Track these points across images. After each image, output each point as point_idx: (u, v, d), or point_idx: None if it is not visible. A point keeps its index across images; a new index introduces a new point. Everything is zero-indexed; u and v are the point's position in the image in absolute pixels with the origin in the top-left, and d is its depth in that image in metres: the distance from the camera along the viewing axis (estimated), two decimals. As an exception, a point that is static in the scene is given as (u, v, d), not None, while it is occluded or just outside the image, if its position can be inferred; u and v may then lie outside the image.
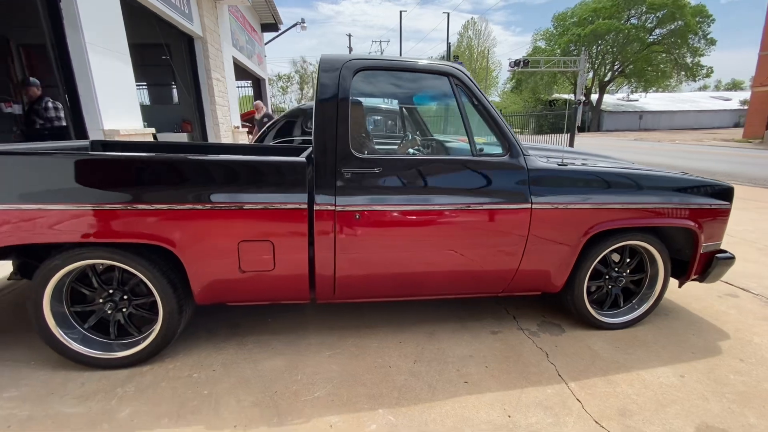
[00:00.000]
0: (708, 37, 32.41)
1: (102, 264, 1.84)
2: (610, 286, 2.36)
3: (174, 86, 8.36)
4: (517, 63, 25.96)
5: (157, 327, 1.91)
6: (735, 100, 42.18)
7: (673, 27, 32.18)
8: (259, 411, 1.67)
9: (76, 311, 1.92)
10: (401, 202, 1.90)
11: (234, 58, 8.69)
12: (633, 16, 33.71)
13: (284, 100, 15.46)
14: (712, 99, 44.94)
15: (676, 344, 2.22)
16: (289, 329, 2.32)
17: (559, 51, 34.05)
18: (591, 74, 35.42)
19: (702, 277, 2.37)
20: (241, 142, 8.86)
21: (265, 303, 2.10)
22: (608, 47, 34.46)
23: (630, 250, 2.31)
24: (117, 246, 1.78)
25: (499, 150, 2.05)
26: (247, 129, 9.34)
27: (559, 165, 2.11)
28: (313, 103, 6.67)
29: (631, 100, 41.52)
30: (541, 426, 1.61)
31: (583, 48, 31.56)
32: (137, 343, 1.93)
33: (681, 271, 2.38)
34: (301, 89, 15.05)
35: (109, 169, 1.70)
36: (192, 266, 1.82)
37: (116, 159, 1.71)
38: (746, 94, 21.29)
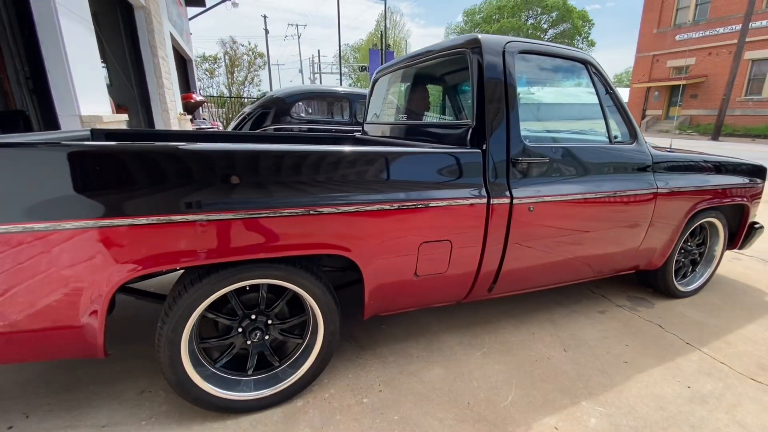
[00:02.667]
0: (589, 39, 37.59)
1: (252, 285, 1.47)
2: (683, 259, 2.63)
3: (105, 66, 6.94)
4: (438, 55, 26.98)
5: (315, 352, 1.60)
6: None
7: (563, 29, 36.56)
8: (472, 426, 1.51)
9: (205, 346, 1.51)
10: (566, 191, 1.85)
11: (171, 35, 7.49)
12: (531, 17, 37.43)
13: (212, 84, 13.86)
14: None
15: (740, 304, 2.58)
16: (414, 334, 2.14)
17: (470, 45, 36.28)
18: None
19: (742, 245, 2.78)
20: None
21: (416, 309, 1.90)
22: (512, 44, 37.74)
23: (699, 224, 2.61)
24: (281, 261, 1.43)
25: (615, 138, 2.11)
26: (189, 117, 8.19)
27: (668, 151, 2.26)
28: (287, 91, 6.11)
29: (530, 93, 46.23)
30: (720, 392, 1.75)
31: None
32: (283, 375, 1.59)
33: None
34: (231, 73, 13.58)
35: (288, 166, 1.35)
36: (370, 275, 1.55)
37: (295, 153, 1.37)
38: (625, 90, 25.36)
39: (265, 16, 33.51)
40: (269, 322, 1.56)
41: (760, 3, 16.61)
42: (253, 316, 1.53)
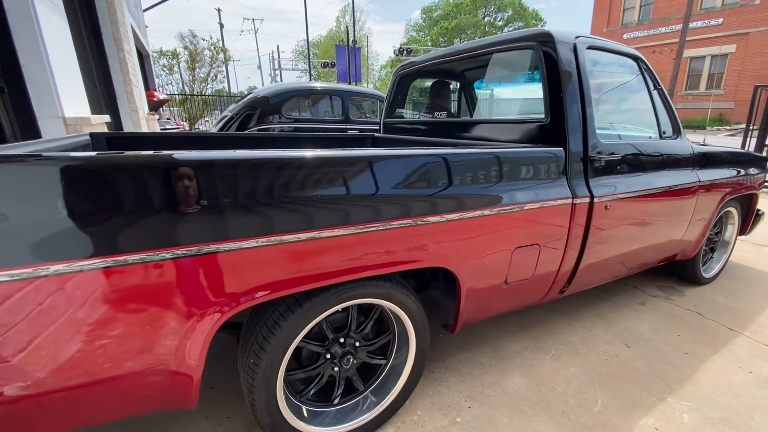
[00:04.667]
0: (541, 37, 39.25)
1: (348, 306, 1.31)
2: (704, 247, 2.75)
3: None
4: (401, 51, 27.06)
5: (405, 373, 1.48)
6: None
7: (516, 27, 37.91)
8: (577, 436, 1.46)
9: (291, 378, 1.34)
10: (635, 187, 1.84)
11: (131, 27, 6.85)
12: (486, 15, 38.47)
13: (171, 80, 12.80)
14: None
15: (755, 287, 2.74)
16: (476, 342, 2.06)
17: (429, 42, 36.78)
18: (458, 65, 39.26)
19: (749, 230, 2.95)
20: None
21: (494, 317, 1.81)
22: (470, 40, 38.65)
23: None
24: (381, 277, 1.29)
25: (664, 133, 2.14)
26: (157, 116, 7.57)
27: (702, 145, 2.33)
28: (272, 89, 5.81)
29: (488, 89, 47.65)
30: (781, 375, 1.82)
31: (456, 40, 34.71)
32: (370, 401, 1.46)
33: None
34: (192, 69, 12.61)
35: (398, 172, 1.22)
36: (467, 286, 1.44)
37: (405, 157, 1.24)
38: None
39: (219, 9, 31.89)
40: (357, 344, 1.41)
41: (696, 5, 18.11)
42: (342, 340, 1.38)
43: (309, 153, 1.08)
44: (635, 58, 2.01)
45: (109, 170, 0.85)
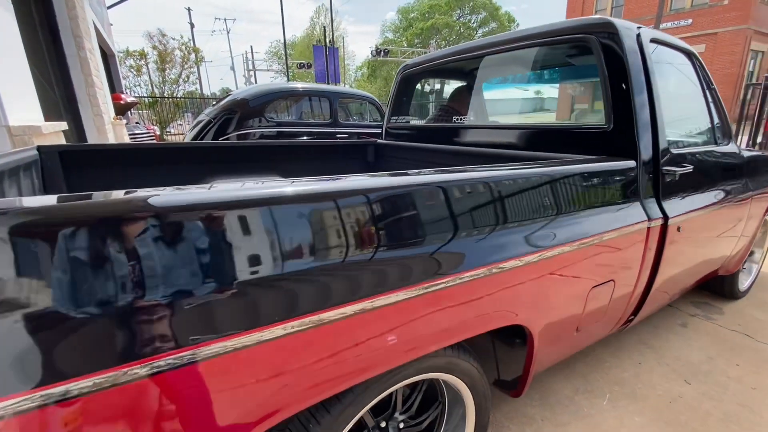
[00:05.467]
0: (515, 37, 39.86)
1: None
2: (738, 258, 2.56)
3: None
4: (378, 52, 26.79)
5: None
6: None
7: (490, 28, 38.32)
8: None
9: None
10: (705, 202, 1.59)
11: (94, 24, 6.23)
12: (461, 16, 38.72)
13: (139, 82, 11.84)
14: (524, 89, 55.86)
15: (792, 299, 2.57)
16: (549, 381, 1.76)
17: (405, 42, 36.67)
18: (435, 65, 39.42)
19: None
20: (126, 139, 6.57)
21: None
22: (445, 41, 38.85)
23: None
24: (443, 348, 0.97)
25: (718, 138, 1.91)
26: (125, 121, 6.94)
27: (745, 149, 2.12)
28: (253, 91, 5.39)
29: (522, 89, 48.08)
30: None
31: (432, 41, 34.77)
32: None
33: None
34: (162, 70, 11.73)
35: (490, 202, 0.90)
36: (539, 344, 1.13)
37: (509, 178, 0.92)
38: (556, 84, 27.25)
39: (189, 9, 30.76)
40: (401, 426, 1.08)
41: (666, 5, 18.65)
42: (383, 424, 1.04)
43: (364, 181, 0.74)
44: (690, 55, 1.76)
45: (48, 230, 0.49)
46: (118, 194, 0.59)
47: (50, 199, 0.55)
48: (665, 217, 1.39)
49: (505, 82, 2.50)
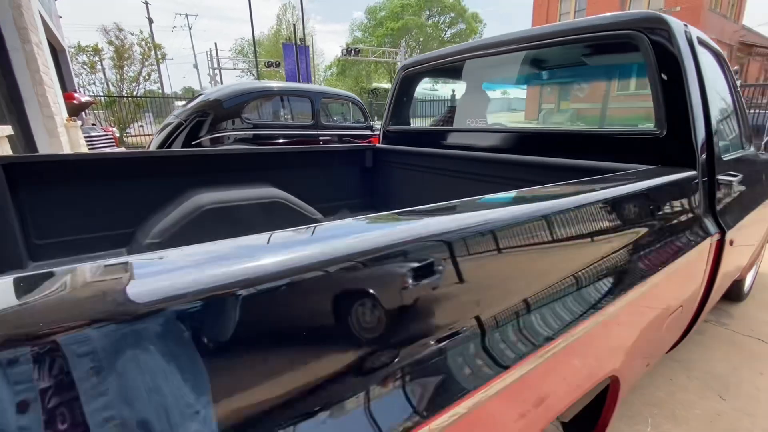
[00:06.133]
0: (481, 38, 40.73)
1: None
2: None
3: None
4: (348, 51, 26.47)
5: None
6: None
7: (459, 29, 38.92)
8: None
9: None
10: (749, 211, 1.50)
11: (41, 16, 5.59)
12: (431, 16, 39.05)
13: (93, 80, 10.83)
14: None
15: (791, 299, 2.60)
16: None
17: (375, 42, 36.55)
18: (405, 65, 39.54)
19: None
20: (82, 143, 5.96)
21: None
22: (416, 42, 39.07)
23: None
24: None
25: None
26: (80, 122, 6.29)
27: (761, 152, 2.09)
28: (226, 91, 5.05)
29: (434, 90, 48.66)
30: None
31: (403, 41, 34.84)
32: None
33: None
34: (120, 67, 10.76)
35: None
36: (624, 388, 0.97)
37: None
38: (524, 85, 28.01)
39: (147, 3, 29.19)
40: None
41: (624, 8, 19.51)
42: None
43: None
44: (720, 56, 1.68)
45: None
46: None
47: None
48: (722, 232, 1.28)
49: (528, 80, 2.36)
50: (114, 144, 8.67)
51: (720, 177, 1.31)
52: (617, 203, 0.87)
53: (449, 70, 2.34)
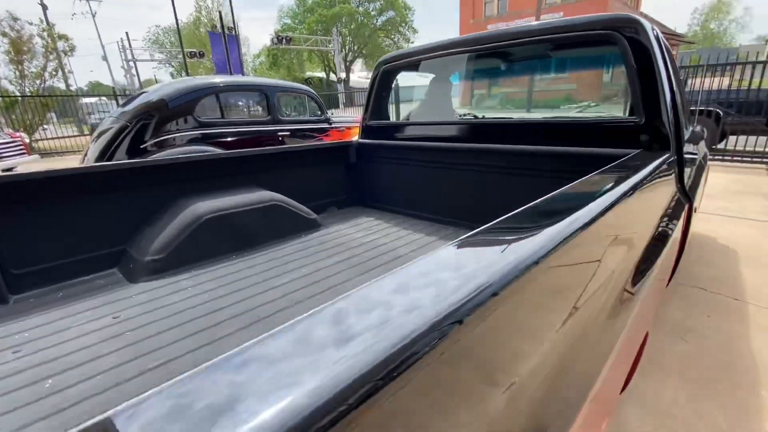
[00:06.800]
0: (412, 26, 41.30)
1: None
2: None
3: None
4: (280, 39, 25.44)
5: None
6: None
7: (389, 16, 39.09)
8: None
9: None
10: (702, 181, 1.78)
11: None
12: (361, 3, 38.70)
13: None
14: (424, 78, 58.31)
15: (714, 250, 3.10)
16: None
17: (306, 30, 35.49)
18: (342, 54, 38.95)
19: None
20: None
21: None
22: (348, 29, 38.57)
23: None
24: None
25: None
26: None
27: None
28: (169, 89, 4.75)
29: (369, 78, 48.58)
30: (807, 339, 2.01)
31: (335, 29, 34.12)
32: None
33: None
34: (19, 62, 9.10)
35: None
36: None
37: None
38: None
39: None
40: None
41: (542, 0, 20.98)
42: None
43: None
44: (668, 47, 1.94)
45: None
46: None
47: None
48: (690, 201, 1.53)
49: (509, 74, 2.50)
50: (24, 151, 7.61)
51: (686, 155, 1.55)
52: (639, 189, 1.02)
53: (427, 64, 2.42)
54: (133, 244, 1.72)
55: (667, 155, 1.40)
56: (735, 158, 6.36)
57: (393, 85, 2.62)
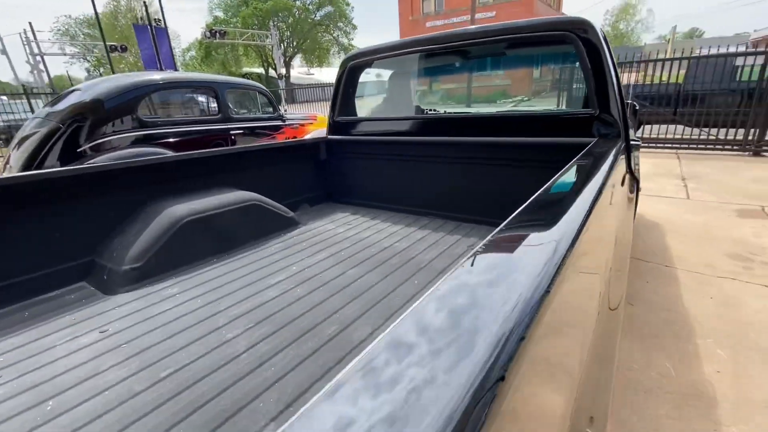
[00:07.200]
0: (351, 22, 41.09)
1: None
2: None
3: None
4: (213, 33, 24.01)
5: None
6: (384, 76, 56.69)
7: (327, 11, 38.54)
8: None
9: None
10: (638, 160, 2.03)
11: None
12: (298, -2, 37.69)
13: None
14: (365, 74, 58.17)
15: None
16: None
17: (240, 23, 33.88)
18: (282, 49, 37.66)
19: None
20: None
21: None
22: (286, 24, 37.44)
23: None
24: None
25: None
26: None
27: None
28: (103, 88, 4.43)
29: (310, 74, 47.56)
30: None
31: (272, 23, 32.90)
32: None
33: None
34: None
35: None
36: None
37: None
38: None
39: None
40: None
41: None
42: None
43: None
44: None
45: None
46: None
47: None
48: (637, 182, 1.76)
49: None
50: None
51: (631, 141, 1.78)
52: (612, 173, 1.18)
53: (392, 61, 2.49)
54: (103, 253, 1.60)
55: (620, 142, 1.60)
56: (650, 145, 7.21)
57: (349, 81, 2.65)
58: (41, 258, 1.49)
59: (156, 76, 3.98)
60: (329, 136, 2.62)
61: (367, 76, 2.93)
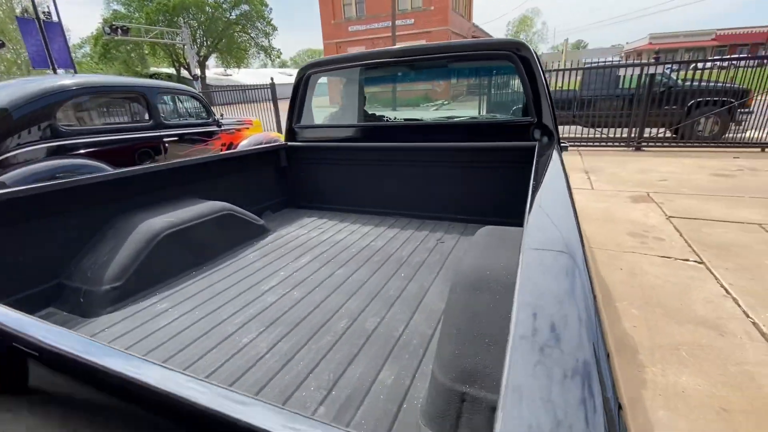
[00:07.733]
0: (271, 23, 39.82)
1: None
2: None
3: None
4: (114, 29, 21.61)
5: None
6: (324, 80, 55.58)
7: (243, 10, 36.88)
8: (619, 357, 1.95)
9: None
10: (561, 157, 2.42)
11: None
12: (211, -5, 35.45)
13: None
14: (282, 75, 56.54)
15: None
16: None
17: (143, 20, 30.92)
18: (196, 48, 35.03)
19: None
20: None
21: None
22: (198, 22, 35.00)
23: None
24: None
25: None
26: None
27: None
28: (10, 95, 4.03)
29: (227, 75, 45.05)
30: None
31: (183, 21, 30.48)
32: None
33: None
34: None
35: None
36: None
37: None
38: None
39: None
40: None
41: (396, 6, 22.78)
42: None
43: None
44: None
45: None
46: None
47: None
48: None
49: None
50: None
51: (561, 144, 2.14)
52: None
53: (348, 70, 2.62)
54: (73, 275, 1.49)
55: (555, 144, 1.93)
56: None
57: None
58: (11, 280, 1.36)
59: (69, 80, 3.59)
60: (289, 143, 2.66)
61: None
